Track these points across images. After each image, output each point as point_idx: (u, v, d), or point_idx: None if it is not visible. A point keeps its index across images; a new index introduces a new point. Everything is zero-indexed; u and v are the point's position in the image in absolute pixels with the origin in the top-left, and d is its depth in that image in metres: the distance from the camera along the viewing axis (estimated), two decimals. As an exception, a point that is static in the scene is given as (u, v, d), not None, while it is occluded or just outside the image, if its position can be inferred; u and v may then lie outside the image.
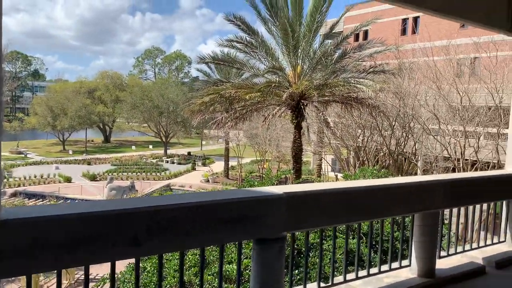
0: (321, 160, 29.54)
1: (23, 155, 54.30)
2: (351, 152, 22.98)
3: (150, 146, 65.20)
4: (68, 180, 38.07)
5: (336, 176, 24.26)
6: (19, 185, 35.48)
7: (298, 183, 15.76)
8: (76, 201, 29.21)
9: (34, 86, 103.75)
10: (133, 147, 66.01)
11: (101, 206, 2.18)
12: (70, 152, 58.69)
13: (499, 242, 5.03)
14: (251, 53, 18.79)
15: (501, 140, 16.32)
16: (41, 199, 32.14)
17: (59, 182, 37.74)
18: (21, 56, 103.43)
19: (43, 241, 1.93)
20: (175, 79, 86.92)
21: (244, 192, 2.96)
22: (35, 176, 38.16)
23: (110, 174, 40.29)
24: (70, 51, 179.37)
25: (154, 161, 51.98)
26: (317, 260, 5.86)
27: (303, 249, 6.32)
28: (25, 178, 37.41)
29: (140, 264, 7.25)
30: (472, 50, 20.32)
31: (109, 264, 2.27)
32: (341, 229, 5.20)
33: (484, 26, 5.25)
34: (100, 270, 9.54)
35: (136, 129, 70.05)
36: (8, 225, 1.84)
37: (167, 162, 51.21)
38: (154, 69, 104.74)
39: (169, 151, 59.52)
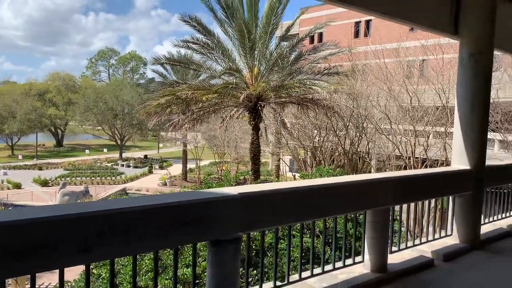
0: (279, 160, 29.85)
1: (-33, 161, 51.40)
2: (308, 152, 23.36)
3: (105, 150, 63.39)
4: (18, 186, 36.39)
5: (294, 176, 24.59)
6: (-38, 193, 33.53)
7: (256, 184, 15.84)
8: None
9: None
10: (87, 151, 63.90)
11: (48, 211, 2.09)
12: (20, 157, 56.00)
13: (446, 236, 5.27)
14: (208, 54, 18.69)
15: (448, 139, 17.12)
16: (-13, 207, 30.44)
17: (8, 188, 35.99)
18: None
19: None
20: (130, 80, 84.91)
21: (198, 194, 2.94)
22: (-20, 183, 36.20)
23: (63, 179, 38.84)
24: (19, 52, 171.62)
25: (109, 165, 50.64)
26: (273, 259, 5.92)
27: (259, 249, 6.37)
28: (-31, 185, 35.41)
29: (95, 271, 7.05)
30: (420, 52, 21.20)
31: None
32: (297, 227, 5.27)
33: (429, 29, 5.51)
34: (53, 278, 9.17)
35: (90, 132, 67.97)
36: None
37: (123, 165, 50.02)
38: (108, 71, 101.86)
39: (124, 155, 58.13)
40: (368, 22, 35.49)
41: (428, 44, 19.35)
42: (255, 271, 5.91)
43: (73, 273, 8.07)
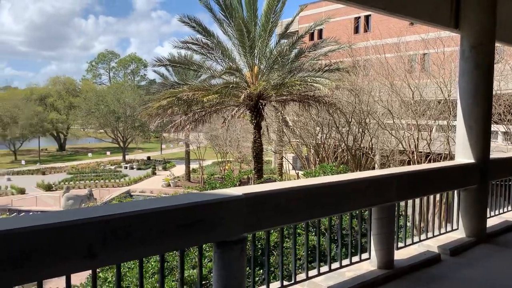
0: (282, 159, 29.82)
1: (-30, 168, 51.57)
2: (311, 149, 23.33)
3: (108, 153, 63.49)
4: (22, 191, 36.50)
5: (297, 173, 24.56)
6: (-33, 200, 33.64)
7: (260, 183, 15.83)
8: (31, 213, 28.02)
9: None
10: (90, 154, 64.02)
11: (52, 217, 2.09)
12: (23, 163, 56.15)
13: (452, 230, 5.25)
14: (208, 54, 18.69)
15: (451, 132, 17.06)
16: (-8, 213, 30.54)
17: (12, 194, 36.11)
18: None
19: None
20: (131, 82, 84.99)
21: (202, 195, 2.93)
22: (-16, 189, 36.31)
23: (66, 183, 38.92)
24: (20, 57, 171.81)
25: (113, 167, 50.74)
26: (279, 258, 5.90)
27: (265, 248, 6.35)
28: (-27, 191, 35.53)
29: (101, 275, 7.06)
30: (421, 46, 21.12)
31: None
32: (302, 226, 5.25)
33: (430, 24, 5.48)
34: (60, 283, 9.20)
35: (92, 136, 68.11)
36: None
37: (126, 168, 50.11)
38: (109, 73, 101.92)
39: (127, 157, 58.22)
40: (367, 18, 35.39)
41: (428, 37, 19.28)
42: (261, 271, 5.90)
43: (79, 277, 8.08)
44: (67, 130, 71.18)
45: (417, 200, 4.76)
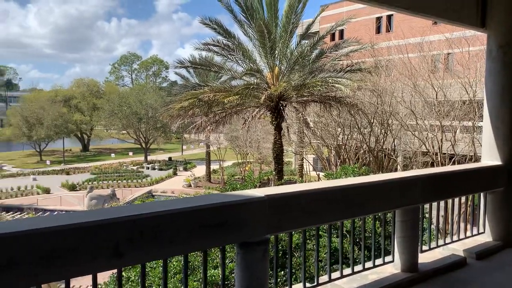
0: (302, 160, 29.71)
1: (-2, 168, 53.07)
2: (332, 150, 23.17)
3: (130, 153, 64.45)
4: (47, 191, 37.35)
5: (318, 175, 24.42)
6: (-5, 199, 34.63)
7: (280, 184, 15.81)
8: (55, 212, 28.67)
9: (8, 97, 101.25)
10: (113, 154, 65.07)
11: (80, 217, 2.13)
12: (48, 163, 57.47)
13: (479, 234, 5.13)
14: (228, 56, 18.78)
15: (476, 133, 16.70)
16: (19, 212, 31.43)
17: (37, 193, 37.00)
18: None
19: (21, 257, 1.88)
20: (152, 84, 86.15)
21: (225, 196, 2.94)
22: (11, 189, 37.28)
23: (90, 183, 39.66)
24: (45, 60, 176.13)
25: (135, 168, 51.45)
26: (302, 260, 5.88)
27: (287, 250, 6.34)
28: (1, 191, 36.48)
29: (124, 274, 7.17)
30: (445, 46, 20.74)
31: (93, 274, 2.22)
32: (324, 228, 5.23)
33: (455, 23, 5.38)
34: (82, 281, 9.37)
35: (115, 136, 69.18)
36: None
37: (148, 168, 50.76)
38: (131, 75, 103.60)
39: (149, 157, 58.96)
40: (389, 17, 34.98)
41: (453, 37, 18.92)
42: (282, 272, 5.90)
43: (101, 276, 8.22)
44: (90, 131, 72.45)
45: (442, 203, 4.67)
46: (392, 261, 4.09)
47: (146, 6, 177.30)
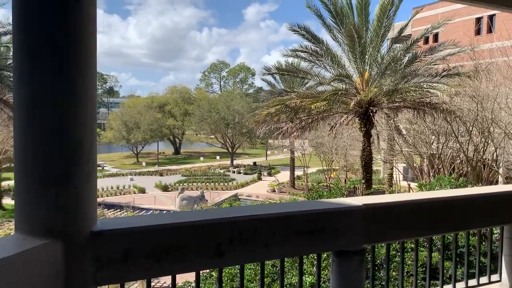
0: (392, 168, 28.49)
1: (100, 168, 57.95)
2: (425, 159, 21.92)
3: (217, 157, 66.83)
4: (142, 191, 39.96)
5: (409, 185, 23.24)
6: (98, 196, 37.67)
7: (368, 193, 15.32)
8: (151, 211, 30.58)
9: (109, 103, 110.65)
10: (202, 158, 67.97)
11: (187, 216, 2.24)
12: (143, 164, 61.65)
13: None
14: (316, 61, 18.68)
15: None
16: (118, 209, 33.90)
17: (134, 193, 39.73)
18: (98, 74, 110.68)
19: (135, 251, 2.01)
20: (239, 91, 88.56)
21: (321, 203, 2.91)
22: (112, 188, 40.49)
23: (181, 184, 41.73)
24: (142, 68, 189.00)
25: (222, 171, 53.16)
26: (393, 273, 5.63)
27: (378, 261, 6.10)
28: (103, 189, 39.78)
29: (214, 274, 7.40)
30: (558, 46, 18.69)
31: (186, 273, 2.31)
32: (421, 241, 4.96)
33: None
34: (167, 278, 9.81)
35: (204, 141, 72.13)
36: (104, 236, 1.94)
37: (234, 172, 52.15)
38: (220, 82, 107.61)
39: (235, 162, 60.58)
40: (491, 17, 32.33)
41: None
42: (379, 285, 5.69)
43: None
44: (182, 135, 76.29)
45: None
46: (499, 281, 3.75)
47: (235, 15, 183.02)
